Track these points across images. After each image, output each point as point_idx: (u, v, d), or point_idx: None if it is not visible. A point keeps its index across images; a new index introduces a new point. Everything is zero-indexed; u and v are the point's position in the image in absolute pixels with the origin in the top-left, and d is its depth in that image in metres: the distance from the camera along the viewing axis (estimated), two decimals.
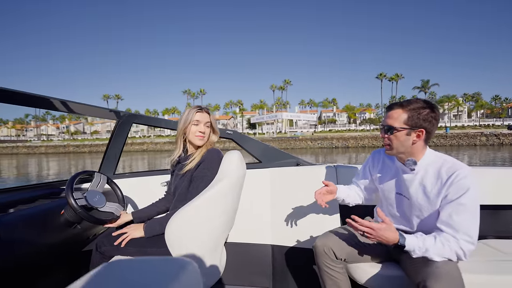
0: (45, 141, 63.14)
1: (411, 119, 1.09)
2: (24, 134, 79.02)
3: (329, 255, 1.26)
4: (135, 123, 1.97)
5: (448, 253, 1.04)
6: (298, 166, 1.88)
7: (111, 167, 1.98)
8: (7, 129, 77.69)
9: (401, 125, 1.11)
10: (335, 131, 58.62)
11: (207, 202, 1.17)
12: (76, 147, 39.98)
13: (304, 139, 35.05)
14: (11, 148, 41.75)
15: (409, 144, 1.12)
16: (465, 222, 1.04)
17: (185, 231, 1.16)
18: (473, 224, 1.05)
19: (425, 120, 1.08)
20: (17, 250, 1.15)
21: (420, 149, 1.14)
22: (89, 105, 1.70)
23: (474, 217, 1.06)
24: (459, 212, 1.04)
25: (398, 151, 1.16)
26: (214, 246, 1.26)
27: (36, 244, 1.25)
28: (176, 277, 0.36)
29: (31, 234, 1.23)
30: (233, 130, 1.97)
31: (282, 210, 1.79)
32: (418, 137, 1.11)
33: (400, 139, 1.12)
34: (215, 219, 1.22)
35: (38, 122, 77.66)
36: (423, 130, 1.10)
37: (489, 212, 1.65)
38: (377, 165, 1.36)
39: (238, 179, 1.28)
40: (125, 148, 27.57)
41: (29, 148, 41.57)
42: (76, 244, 1.57)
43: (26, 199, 1.51)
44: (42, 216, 1.31)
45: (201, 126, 1.38)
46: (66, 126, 76.48)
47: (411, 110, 1.09)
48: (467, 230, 1.04)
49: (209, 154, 1.32)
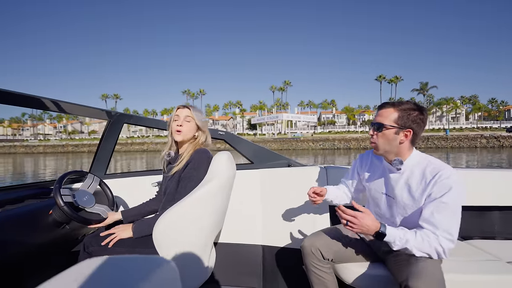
0: (43, 140, 62.41)
1: (401, 118, 1.13)
2: (21, 133, 78.03)
3: (316, 255, 1.27)
4: (126, 123, 1.96)
5: (428, 249, 1.06)
6: (289, 167, 1.89)
7: (102, 167, 1.97)
8: (3, 128, 76.64)
9: (390, 123, 1.14)
10: (335, 133, 58.85)
11: (195, 202, 1.17)
12: (75, 146, 39.58)
13: (305, 140, 35.08)
14: (9, 148, 41.16)
15: (396, 143, 1.15)
16: (445, 220, 1.06)
17: (173, 231, 1.16)
18: (453, 223, 1.07)
19: (414, 121, 1.12)
20: (3, 249, 1.13)
21: (406, 150, 1.17)
22: (80, 105, 1.68)
23: (455, 216, 1.07)
24: (440, 210, 1.06)
25: (384, 150, 1.19)
26: (203, 246, 1.26)
27: (24, 243, 1.23)
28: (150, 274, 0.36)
29: (18, 233, 1.22)
30: (224, 131, 1.96)
31: (273, 210, 1.80)
32: (405, 137, 1.14)
33: (388, 137, 1.15)
34: (203, 219, 1.22)
35: (35, 122, 76.78)
36: (410, 131, 1.13)
37: (474, 213, 1.68)
38: (365, 166, 1.39)
39: (227, 180, 1.28)
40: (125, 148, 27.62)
41: (27, 147, 41.07)
42: (64, 245, 1.55)
43: (14, 198, 1.49)
44: (30, 215, 1.31)
45: (180, 121, 1.36)
46: (63, 126, 75.70)
47: (401, 110, 1.13)
48: (447, 228, 1.05)
49: (196, 155, 1.31)
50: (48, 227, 1.36)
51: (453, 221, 1.07)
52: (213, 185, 1.21)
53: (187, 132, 1.37)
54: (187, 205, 1.17)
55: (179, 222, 1.17)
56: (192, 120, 1.37)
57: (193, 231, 1.21)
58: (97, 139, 56.45)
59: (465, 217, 1.59)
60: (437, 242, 1.06)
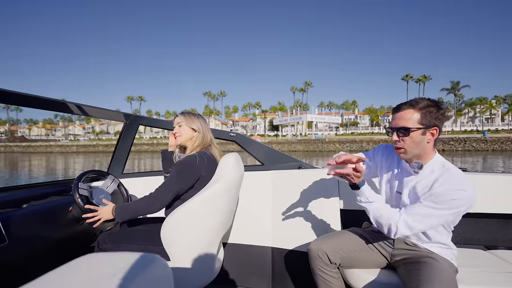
0: (73, 140, 65.92)
1: (424, 118, 1.07)
2: (53, 133, 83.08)
3: (323, 259, 1.25)
4: (141, 124, 2.04)
5: (383, 221, 1.09)
6: (300, 169, 1.87)
7: (120, 167, 2.05)
8: (38, 128, 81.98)
9: (415, 125, 1.08)
10: (358, 134, 57.23)
11: (202, 202, 1.21)
12: (105, 146, 41.26)
13: (331, 141, 34.27)
14: (45, 147, 43.78)
15: (424, 144, 1.10)
16: (419, 211, 1.05)
17: (181, 230, 1.20)
18: (425, 219, 1.05)
19: (437, 118, 1.08)
20: (27, 242, 1.22)
21: (430, 151, 1.13)
22: (100, 108, 1.80)
23: (432, 216, 1.05)
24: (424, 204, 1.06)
25: (413, 154, 1.12)
26: (210, 245, 1.29)
27: (46, 238, 1.33)
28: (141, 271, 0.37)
29: (41, 228, 1.31)
30: (235, 133, 1.99)
31: (283, 212, 1.79)
32: (432, 136, 1.10)
33: (415, 140, 1.09)
34: (210, 219, 1.25)
35: (66, 123, 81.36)
36: (436, 129, 1.09)
37: (500, 221, 1.57)
38: (386, 158, 1.32)
39: (234, 181, 1.31)
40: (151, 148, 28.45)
41: (62, 147, 43.43)
42: (83, 240, 1.63)
43: (38, 195, 1.60)
44: (52, 212, 1.40)
45: (176, 128, 1.49)
46: (91, 127, 79.61)
47: (422, 109, 1.07)
48: (414, 217, 1.06)
49: (185, 159, 1.35)
50: (68, 223, 1.45)
51: (426, 218, 1.05)
52: (219, 186, 1.24)
53: (183, 135, 1.47)
54: (195, 204, 1.20)
55: (186, 221, 1.20)
56: (183, 124, 1.47)
57: (200, 230, 1.24)
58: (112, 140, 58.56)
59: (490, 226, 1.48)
60: (396, 220, 1.07)
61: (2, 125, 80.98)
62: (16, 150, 44.07)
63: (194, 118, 1.49)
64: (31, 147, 44.43)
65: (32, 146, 44.72)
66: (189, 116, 1.49)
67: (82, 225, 1.50)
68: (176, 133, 1.48)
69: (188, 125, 1.46)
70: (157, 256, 0.42)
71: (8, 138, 63.97)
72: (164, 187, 1.30)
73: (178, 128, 1.48)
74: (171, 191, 1.29)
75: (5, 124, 79.30)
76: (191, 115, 1.50)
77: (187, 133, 1.46)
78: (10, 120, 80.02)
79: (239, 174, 1.36)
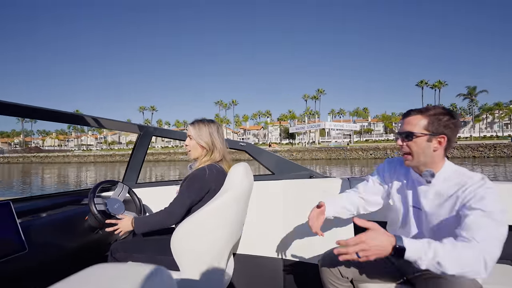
0: (86, 150, 66.42)
1: (431, 125, 1.03)
2: (66, 144, 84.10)
3: (334, 273, 1.20)
4: (155, 135, 2.10)
5: (465, 262, 0.84)
6: (311, 178, 1.85)
7: (134, 177, 2.10)
8: (51, 139, 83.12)
9: (421, 131, 1.04)
10: (372, 141, 56.34)
11: (211, 213, 1.22)
12: (122, 156, 41.23)
13: (353, 149, 33.53)
14: (63, 157, 43.95)
15: (430, 152, 1.05)
16: (485, 230, 0.87)
17: (190, 240, 1.22)
18: (495, 235, 0.89)
19: (446, 126, 1.03)
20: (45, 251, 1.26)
21: (440, 159, 1.08)
22: (115, 120, 1.86)
23: (496, 228, 0.89)
24: (478, 219, 0.90)
25: (419, 160, 1.07)
26: (219, 256, 1.28)
27: (62, 246, 1.38)
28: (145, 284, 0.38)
29: (58, 237, 1.36)
30: (246, 142, 1.99)
31: (294, 223, 1.78)
32: (439, 144, 1.04)
33: (420, 146, 1.05)
34: (219, 229, 1.26)
35: (78, 133, 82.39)
36: (444, 137, 1.04)
37: None
38: (393, 173, 1.26)
39: (243, 191, 1.30)
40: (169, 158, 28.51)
41: (79, 157, 43.59)
42: (98, 249, 1.68)
43: (56, 204, 1.67)
44: (69, 221, 1.46)
45: (187, 140, 1.46)
46: (104, 137, 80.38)
47: (430, 116, 1.04)
48: (488, 239, 0.87)
49: (194, 172, 1.35)
50: (83, 232, 1.50)
51: (495, 233, 0.88)
52: (228, 197, 1.24)
53: (192, 151, 1.44)
54: (204, 215, 1.20)
55: (195, 231, 1.21)
56: (192, 138, 1.42)
57: (209, 241, 1.24)
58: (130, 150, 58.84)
59: None
60: (477, 253, 0.84)
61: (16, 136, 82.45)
62: (34, 161, 44.38)
63: (204, 131, 1.41)
64: (49, 158, 44.70)
65: (50, 157, 45.00)
66: (199, 128, 1.42)
67: (97, 234, 1.55)
68: (187, 146, 1.46)
69: (197, 140, 1.41)
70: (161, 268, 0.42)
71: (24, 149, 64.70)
72: (177, 202, 1.31)
73: (189, 140, 1.45)
74: (184, 206, 1.31)
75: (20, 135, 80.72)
76: (201, 127, 1.42)
77: (196, 150, 1.44)
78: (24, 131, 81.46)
79: (248, 184, 1.35)
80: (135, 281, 0.37)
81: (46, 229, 1.32)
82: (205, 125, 1.42)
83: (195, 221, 1.21)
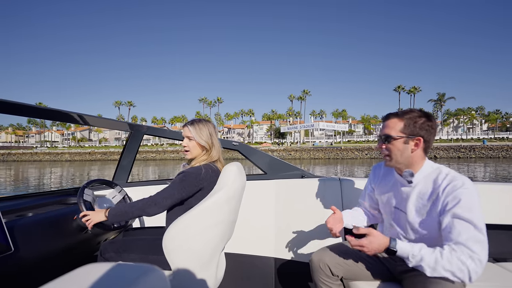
0: (51, 148, 59.74)
1: (407, 127, 1.09)
2: (25, 140, 74.71)
3: (325, 271, 1.24)
4: (146, 134, 2.08)
5: (448, 269, 0.93)
6: (303, 178, 1.89)
7: (124, 176, 2.08)
8: (7, 134, 73.20)
9: (397, 134, 1.10)
10: (354, 142, 58.84)
11: (203, 213, 1.22)
12: (104, 154, 37.68)
13: (348, 149, 34.51)
14: (31, 155, 38.82)
15: (407, 153, 1.11)
16: (468, 235, 0.93)
17: (181, 239, 1.21)
18: (476, 238, 0.94)
19: (421, 128, 1.08)
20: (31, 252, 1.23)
21: (419, 160, 1.12)
22: (104, 118, 1.83)
23: (478, 231, 0.94)
24: (460, 224, 0.96)
25: (397, 161, 1.14)
26: (210, 255, 1.28)
27: (50, 246, 1.34)
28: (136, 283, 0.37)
29: (45, 237, 1.32)
30: (238, 142, 2.00)
31: (286, 222, 1.81)
32: (416, 146, 1.10)
33: (398, 147, 1.11)
34: (211, 229, 1.26)
35: (39, 129, 73.81)
36: (420, 139, 1.09)
37: (508, 233, 1.55)
38: (378, 178, 1.35)
39: (236, 191, 1.31)
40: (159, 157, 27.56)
41: (52, 155, 38.82)
42: (86, 249, 1.64)
43: (43, 204, 1.63)
44: (57, 220, 1.42)
45: (185, 141, 1.42)
46: (72, 133, 73.01)
47: (407, 119, 1.10)
48: (469, 244, 0.93)
49: (191, 169, 1.34)
50: (72, 232, 1.46)
51: (476, 236, 0.93)
52: (221, 196, 1.24)
53: (192, 151, 1.42)
54: (196, 214, 1.20)
55: (187, 230, 1.21)
56: (192, 139, 1.40)
57: (201, 240, 1.24)
58: (109, 147, 54.48)
59: (499, 237, 1.50)
60: (460, 261, 0.92)
61: None
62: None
63: (203, 131, 1.40)
64: (12, 155, 39.16)
65: (14, 154, 39.44)
66: (200, 128, 1.40)
67: (86, 233, 1.51)
68: (185, 147, 1.42)
69: (198, 141, 1.39)
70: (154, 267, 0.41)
71: None
72: (164, 193, 1.28)
73: (188, 141, 1.40)
74: (171, 198, 1.28)
75: None
76: (201, 127, 1.40)
77: (197, 150, 1.41)
78: None
79: (241, 183, 1.35)
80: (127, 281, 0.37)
81: (33, 229, 1.28)
82: (204, 125, 1.41)
83: (187, 220, 1.19)
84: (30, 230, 1.26)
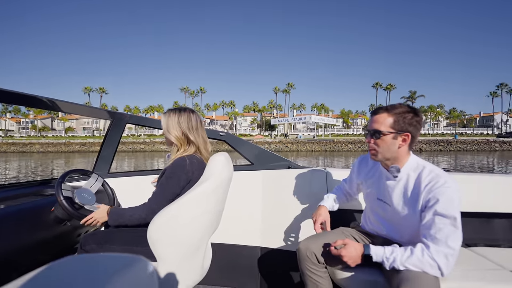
0: (5, 137, 52.19)
1: (397, 123, 1.10)
2: None
3: (311, 259, 1.27)
4: (129, 123, 2.03)
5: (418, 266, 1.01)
6: (289, 169, 1.92)
7: (106, 166, 2.02)
8: None
9: (387, 129, 1.11)
10: (335, 135, 61.15)
11: (189, 203, 1.20)
12: (82, 145, 33.94)
13: (341, 142, 35.65)
14: None
15: (395, 149, 1.12)
16: (444, 232, 1.01)
17: (167, 230, 1.19)
18: (453, 234, 1.00)
19: (410, 124, 1.10)
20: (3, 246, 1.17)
21: (404, 155, 1.15)
22: (84, 105, 1.76)
23: (455, 226, 1.01)
24: (439, 221, 1.02)
25: (384, 156, 1.15)
26: (196, 246, 1.28)
27: (25, 240, 1.28)
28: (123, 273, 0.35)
29: (20, 230, 1.27)
30: (225, 132, 2.00)
31: (272, 212, 1.85)
32: (403, 141, 1.12)
33: (386, 143, 1.12)
34: (197, 219, 1.24)
35: None
36: (408, 134, 1.10)
37: (479, 220, 1.66)
38: (364, 169, 1.38)
39: (223, 181, 1.30)
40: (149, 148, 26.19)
41: (19, 145, 33.81)
42: (65, 242, 1.58)
43: (18, 195, 1.56)
44: (33, 212, 1.36)
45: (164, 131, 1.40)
46: (31, 121, 64.45)
47: (396, 114, 1.10)
48: (446, 240, 1.00)
49: (174, 162, 1.32)
50: (50, 224, 1.40)
51: (453, 232, 1.01)
52: (208, 186, 1.22)
53: (167, 142, 1.40)
54: (182, 204, 1.19)
55: (173, 221, 1.18)
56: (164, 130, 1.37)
57: (187, 230, 1.22)
58: (77, 138, 49.43)
59: (470, 224, 1.56)
60: (431, 259, 1.00)
61: None
62: None
63: (174, 124, 1.33)
64: None
65: None
66: (170, 120, 1.33)
67: (64, 226, 1.45)
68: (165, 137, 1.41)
69: (167, 135, 1.35)
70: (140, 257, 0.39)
71: None
72: (157, 198, 1.27)
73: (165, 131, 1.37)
74: (166, 201, 1.26)
75: None
76: (172, 119, 1.33)
77: (169, 141, 1.39)
78: None
79: (228, 174, 1.34)
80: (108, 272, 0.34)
81: (4, 222, 1.21)
82: (175, 114, 1.33)
83: (173, 210, 1.17)
84: (2, 223, 1.18)
